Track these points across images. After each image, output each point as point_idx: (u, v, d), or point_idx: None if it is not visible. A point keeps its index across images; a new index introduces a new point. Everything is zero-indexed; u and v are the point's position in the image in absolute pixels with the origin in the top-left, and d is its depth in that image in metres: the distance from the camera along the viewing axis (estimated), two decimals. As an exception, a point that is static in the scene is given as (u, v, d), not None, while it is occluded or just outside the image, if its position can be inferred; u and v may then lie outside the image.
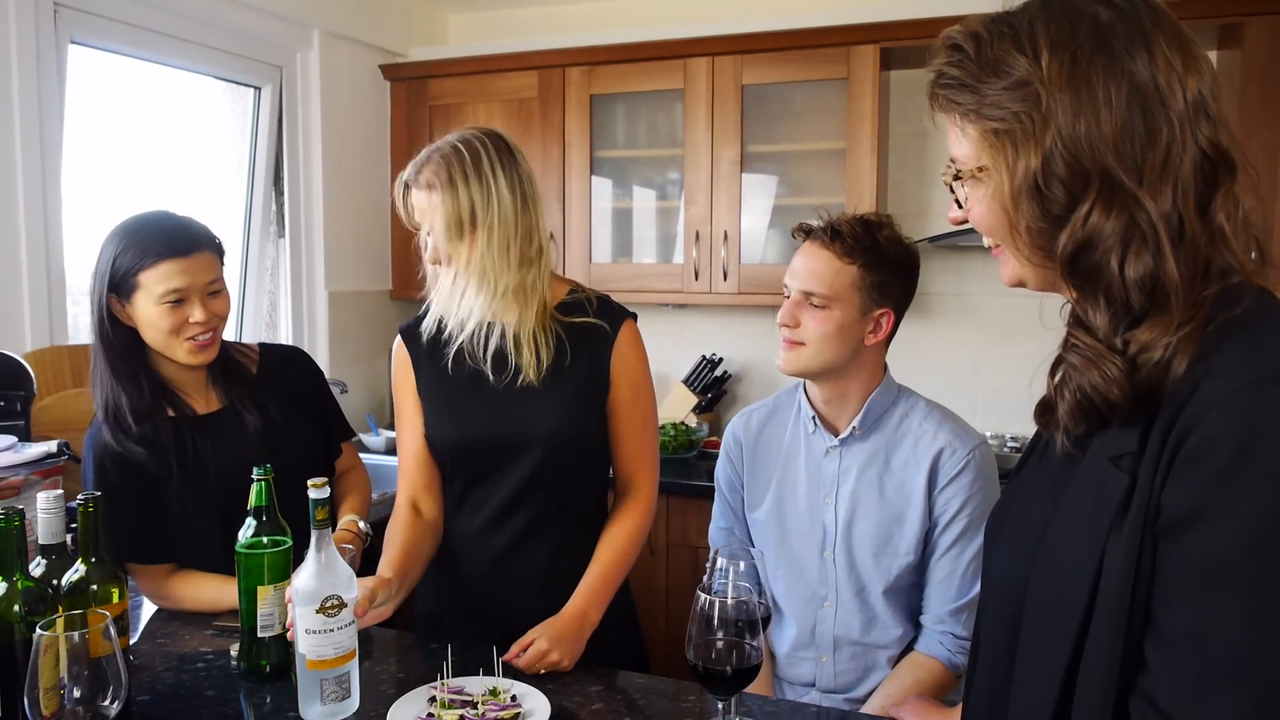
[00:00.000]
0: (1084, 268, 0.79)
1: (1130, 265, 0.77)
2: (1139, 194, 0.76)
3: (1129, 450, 0.78)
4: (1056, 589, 0.81)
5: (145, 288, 1.54)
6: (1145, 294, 0.77)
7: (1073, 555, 0.80)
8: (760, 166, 3.03)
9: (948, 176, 0.87)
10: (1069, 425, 0.83)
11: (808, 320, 1.56)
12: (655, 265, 3.17)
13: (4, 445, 1.63)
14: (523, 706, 1.27)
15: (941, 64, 0.84)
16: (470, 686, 1.31)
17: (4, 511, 1.14)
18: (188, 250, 1.56)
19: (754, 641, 1.10)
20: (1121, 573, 0.75)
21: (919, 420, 1.62)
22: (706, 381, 3.24)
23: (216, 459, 1.64)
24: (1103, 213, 0.77)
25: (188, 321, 1.57)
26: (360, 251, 3.41)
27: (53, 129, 2.31)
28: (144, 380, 1.61)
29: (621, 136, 3.23)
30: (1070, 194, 0.78)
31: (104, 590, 1.23)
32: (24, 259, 2.25)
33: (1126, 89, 0.77)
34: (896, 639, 1.62)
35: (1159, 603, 0.74)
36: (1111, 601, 0.76)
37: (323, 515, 1.24)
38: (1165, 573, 0.74)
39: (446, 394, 1.61)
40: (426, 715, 1.25)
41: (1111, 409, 0.78)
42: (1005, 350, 3.00)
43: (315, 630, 1.22)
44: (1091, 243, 0.78)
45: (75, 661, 0.97)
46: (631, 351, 1.61)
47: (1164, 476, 0.74)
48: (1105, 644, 0.76)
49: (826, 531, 1.63)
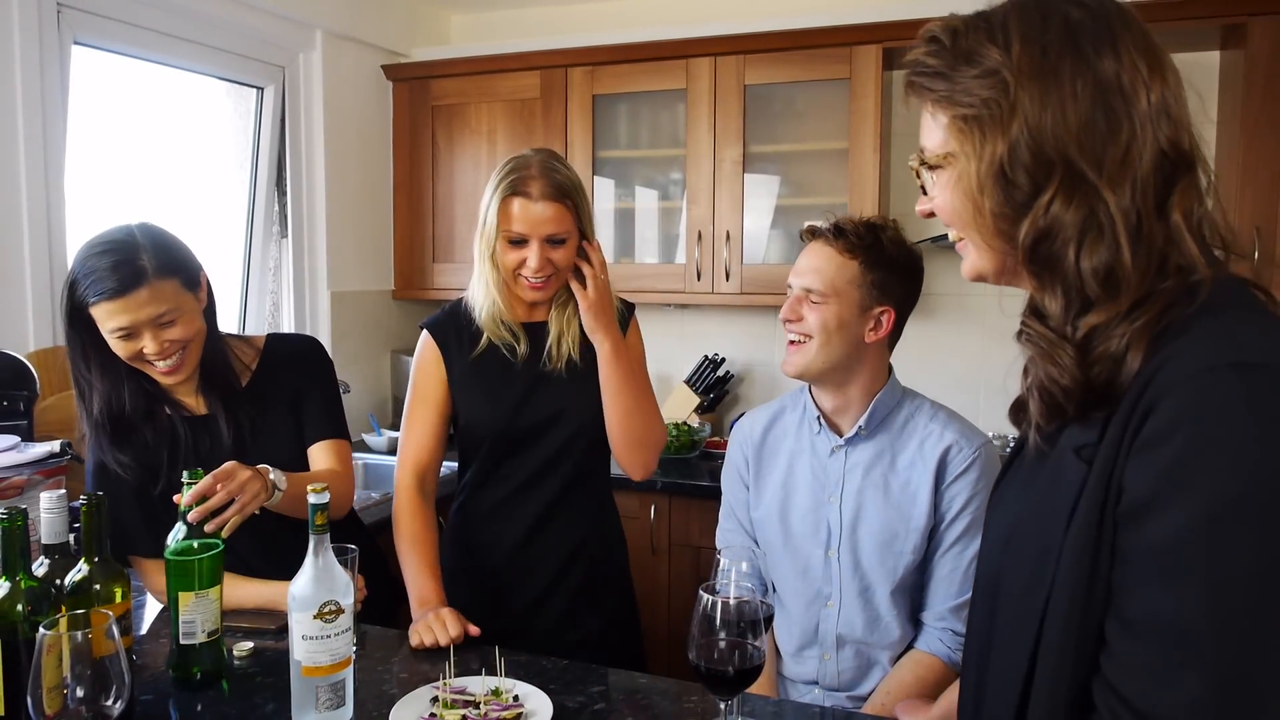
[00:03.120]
0: (1043, 256, 0.81)
1: (1086, 256, 0.79)
2: (1099, 186, 0.78)
3: (1090, 441, 0.79)
4: (1022, 579, 0.84)
5: (98, 319, 1.52)
6: (1100, 284, 0.79)
7: (1036, 545, 0.83)
8: (762, 167, 3.03)
9: (914, 163, 0.90)
10: (1040, 422, 0.85)
11: (808, 315, 1.58)
12: (657, 265, 3.17)
13: (7, 445, 1.63)
14: (525, 706, 1.27)
15: (919, 54, 0.88)
16: (472, 686, 1.32)
17: (7, 511, 1.14)
18: (125, 289, 1.48)
19: (757, 641, 1.10)
20: (1077, 557, 0.77)
21: (925, 420, 1.62)
22: (708, 382, 3.23)
23: (206, 462, 1.63)
24: (1064, 203, 0.79)
25: (142, 351, 1.54)
26: (363, 252, 3.41)
27: (56, 129, 2.31)
28: (127, 394, 1.59)
29: (624, 137, 3.23)
30: (1034, 182, 0.80)
31: (107, 590, 1.23)
32: (27, 259, 2.25)
33: (1092, 84, 0.79)
34: (899, 638, 1.61)
35: (1119, 587, 0.76)
36: (1068, 587, 0.78)
37: (321, 520, 1.23)
38: (1125, 557, 0.75)
39: (481, 378, 1.74)
40: (429, 715, 1.25)
41: (1067, 397, 0.80)
42: (1009, 351, 2.95)
43: (312, 636, 1.20)
44: (1051, 232, 0.80)
45: (78, 661, 0.97)
46: (638, 342, 1.84)
47: (1125, 461, 0.75)
48: (1061, 629, 0.78)
49: (830, 531, 1.63)
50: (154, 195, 2.71)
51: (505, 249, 1.67)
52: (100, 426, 1.58)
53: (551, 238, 1.65)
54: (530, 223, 1.64)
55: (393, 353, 3.55)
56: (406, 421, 1.76)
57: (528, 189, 1.64)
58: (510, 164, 1.67)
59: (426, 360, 1.75)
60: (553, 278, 1.68)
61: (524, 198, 1.64)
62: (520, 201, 1.64)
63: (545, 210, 1.64)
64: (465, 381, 1.74)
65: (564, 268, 1.69)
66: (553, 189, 1.64)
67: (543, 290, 1.69)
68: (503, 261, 1.68)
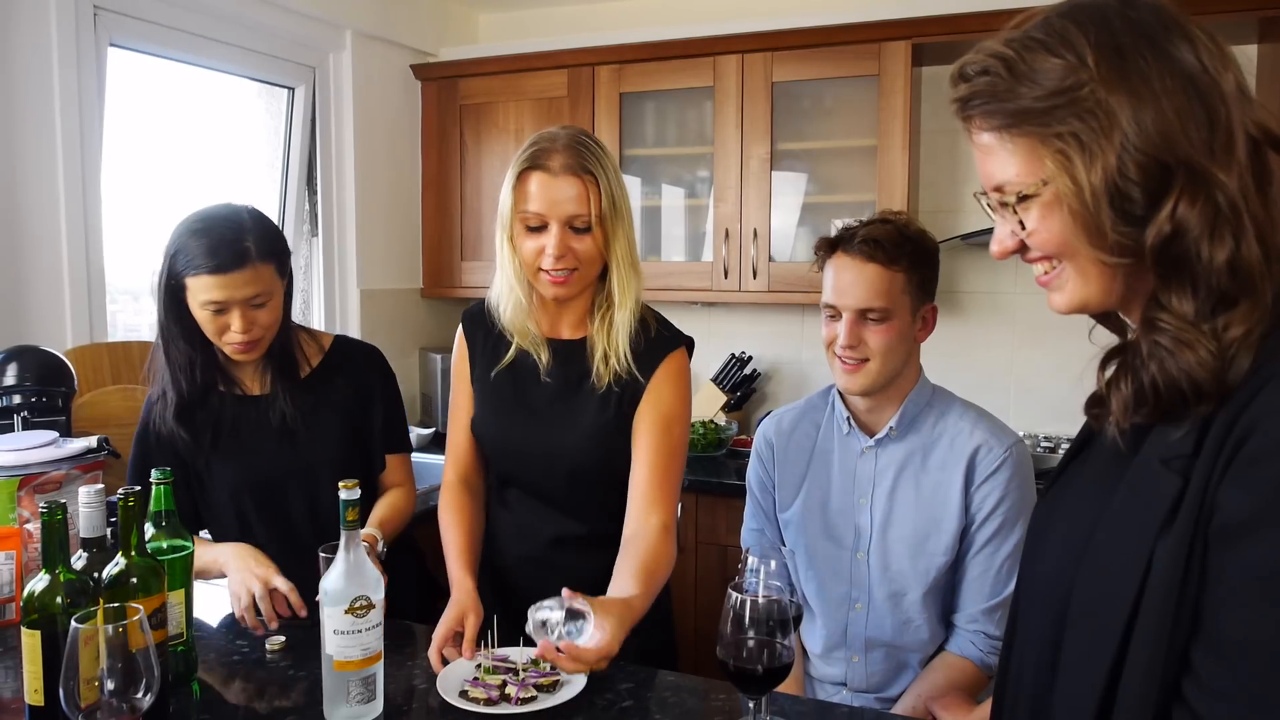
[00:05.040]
0: (1172, 257, 0.77)
1: (1218, 249, 0.75)
2: (1215, 174, 0.75)
3: (1183, 453, 0.76)
4: (1102, 590, 0.80)
5: (191, 291, 1.58)
6: (1233, 276, 0.75)
7: (1120, 557, 0.78)
8: (790, 164, 3.01)
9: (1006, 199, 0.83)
10: (1122, 418, 0.81)
11: (869, 337, 1.54)
12: (684, 263, 3.16)
13: (46, 441, 1.66)
14: (560, 676, 1.34)
15: (971, 87, 0.82)
16: (513, 655, 1.39)
17: (48, 506, 1.16)
18: (229, 267, 1.55)
19: (785, 640, 1.10)
20: (1169, 576, 0.74)
21: (955, 419, 1.60)
22: (735, 380, 3.22)
23: (245, 442, 1.70)
24: (1189, 202, 0.75)
25: (228, 327, 1.59)
26: (392, 250, 3.43)
27: (93, 130, 2.35)
28: (199, 367, 1.65)
29: (651, 134, 3.22)
30: (1148, 189, 0.76)
31: (144, 583, 1.24)
32: (65, 258, 2.29)
33: (1178, 75, 0.76)
34: (929, 640, 1.60)
35: (1209, 608, 0.72)
36: (1158, 605, 0.74)
37: (353, 516, 1.23)
38: (1218, 578, 0.72)
39: (495, 391, 1.60)
40: (473, 679, 1.33)
41: (1198, 394, 0.76)
42: (1038, 349, 2.96)
43: (343, 631, 1.22)
44: (1178, 233, 0.76)
45: (112, 654, 0.98)
46: (669, 382, 1.52)
47: (1220, 478, 0.72)
48: (1150, 647, 0.74)
49: (860, 533, 1.61)
50: (187, 194, 2.74)
51: (523, 236, 1.45)
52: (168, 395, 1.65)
53: (574, 222, 1.43)
54: (549, 201, 1.41)
55: (421, 350, 3.57)
56: (450, 414, 1.69)
57: (548, 162, 1.42)
58: (534, 137, 1.47)
59: (458, 354, 1.67)
60: (577, 272, 1.46)
61: (543, 172, 1.42)
62: (539, 177, 1.42)
63: (568, 187, 1.41)
64: (480, 388, 1.63)
65: (588, 261, 1.46)
66: (577, 163, 1.41)
67: (565, 285, 1.45)
68: (521, 252, 1.46)
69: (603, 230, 1.45)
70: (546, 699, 1.29)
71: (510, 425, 1.58)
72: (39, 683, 1.14)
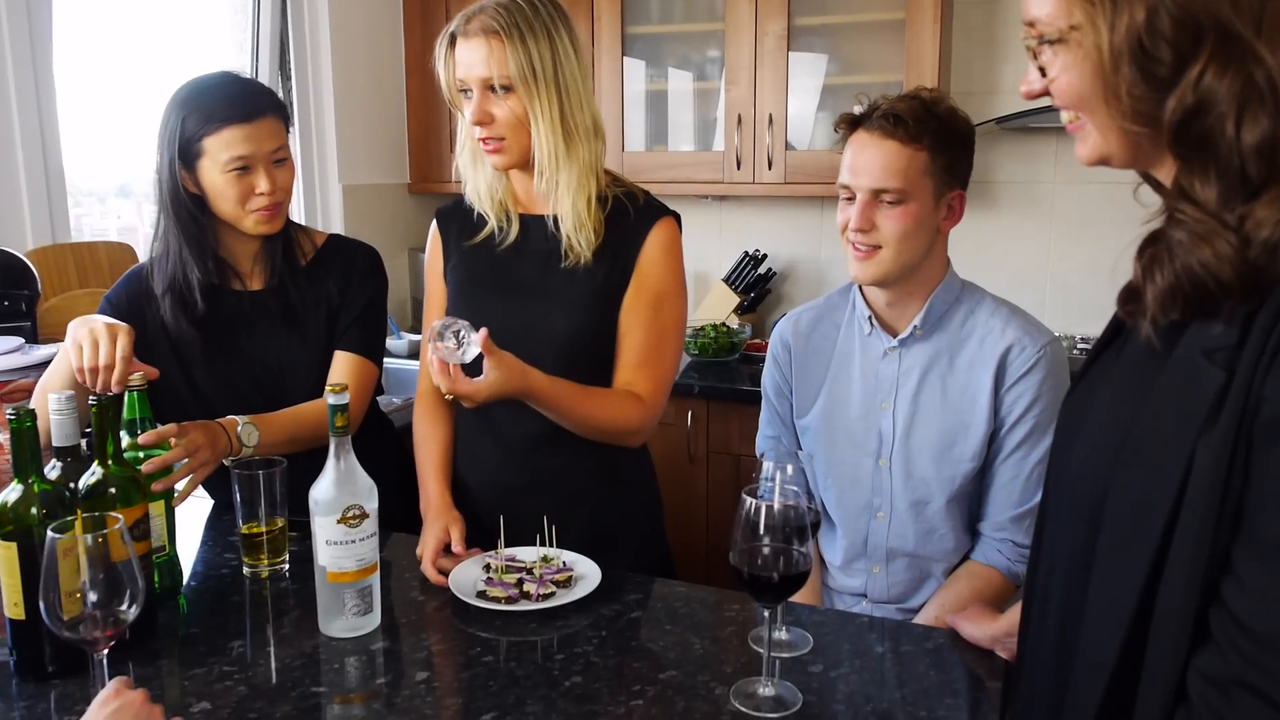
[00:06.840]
0: (1194, 135, 0.75)
1: (1247, 129, 0.73)
2: (1256, 47, 0.72)
3: (1227, 344, 0.75)
4: (1141, 490, 0.80)
5: (210, 154, 1.55)
6: (1263, 161, 0.73)
7: (1159, 455, 0.78)
8: (809, 42, 2.91)
9: (1031, 41, 0.82)
10: (1158, 313, 0.79)
11: (883, 221, 1.50)
12: (693, 153, 3.10)
13: (11, 347, 1.65)
14: (574, 571, 1.42)
15: None
16: (521, 554, 1.46)
17: (15, 412, 1.16)
18: (252, 115, 1.55)
19: (802, 548, 1.10)
20: (1212, 475, 0.73)
21: (985, 317, 1.58)
22: (749, 280, 3.20)
23: (247, 339, 1.68)
24: (1218, 72, 0.73)
25: (254, 192, 1.58)
26: (375, 142, 3.36)
27: (41, 17, 2.27)
28: (209, 255, 1.63)
29: (655, 10, 3.11)
30: (1177, 53, 0.74)
31: (123, 494, 1.25)
32: (19, 155, 2.24)
33: None
34: (954, 550, 1.62)
35: (1253, 507, 0.72)
36: (1200, 503, 0.74)
37: (342, 422, 1.24)
38: (1263, 475, 0.71)
39: (469, 273, 1.61)
40: (486, 579, 1.39)
41: (1223, 290, 0.75)
42: (1078, 244, 2.91)
43: (336, 541, 1.23)
44: (1204, 107, 0.74)
45: (93, 565, 1.00)
46: (662, 255, 1.55)
47: (1265, 371, 0.71)
48: (1190, 547, 0.75)
49: (883, 439, 1.62)
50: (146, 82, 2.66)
51: (463, 104, 1.50)
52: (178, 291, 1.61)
53: (490, 84, 1.44)
54: (464, 64, 1.45)
55: (410, 250, 3.54)
56: (425, 317, 1.71)
57: (466, 26, 1.45)
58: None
59: (431, 252, 1.68)
60: (506, 140, 1.47)
61: (461, 36, 1.46)
62: (460, 43, 1.46)
63: (479, 48, 1.43)
64: (454, 276, 1.62)
65: (510, 126, 1.46)
66: (491, 23, 1.43)
67: (500, 154, 1.49)
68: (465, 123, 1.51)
69: (527, 91, 1.45)
70: (565, 594, 1.36)
71: (490, 304, 1.56)
72: (18, 595, 1.15)
